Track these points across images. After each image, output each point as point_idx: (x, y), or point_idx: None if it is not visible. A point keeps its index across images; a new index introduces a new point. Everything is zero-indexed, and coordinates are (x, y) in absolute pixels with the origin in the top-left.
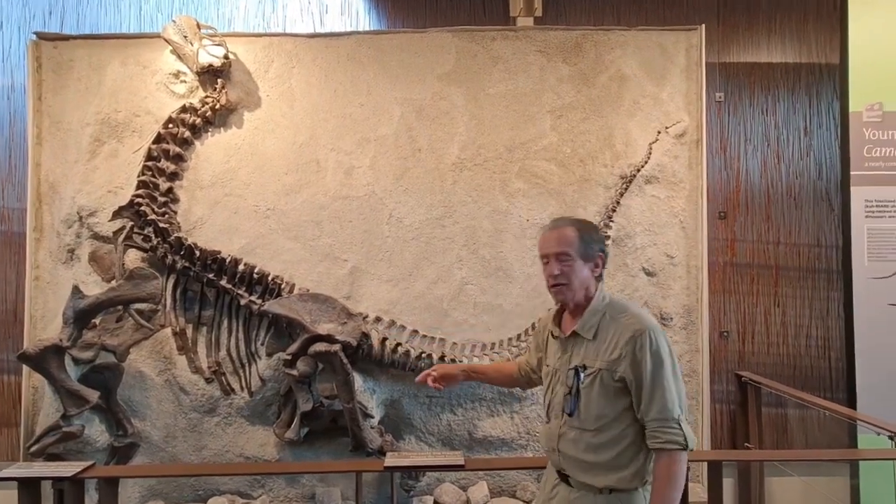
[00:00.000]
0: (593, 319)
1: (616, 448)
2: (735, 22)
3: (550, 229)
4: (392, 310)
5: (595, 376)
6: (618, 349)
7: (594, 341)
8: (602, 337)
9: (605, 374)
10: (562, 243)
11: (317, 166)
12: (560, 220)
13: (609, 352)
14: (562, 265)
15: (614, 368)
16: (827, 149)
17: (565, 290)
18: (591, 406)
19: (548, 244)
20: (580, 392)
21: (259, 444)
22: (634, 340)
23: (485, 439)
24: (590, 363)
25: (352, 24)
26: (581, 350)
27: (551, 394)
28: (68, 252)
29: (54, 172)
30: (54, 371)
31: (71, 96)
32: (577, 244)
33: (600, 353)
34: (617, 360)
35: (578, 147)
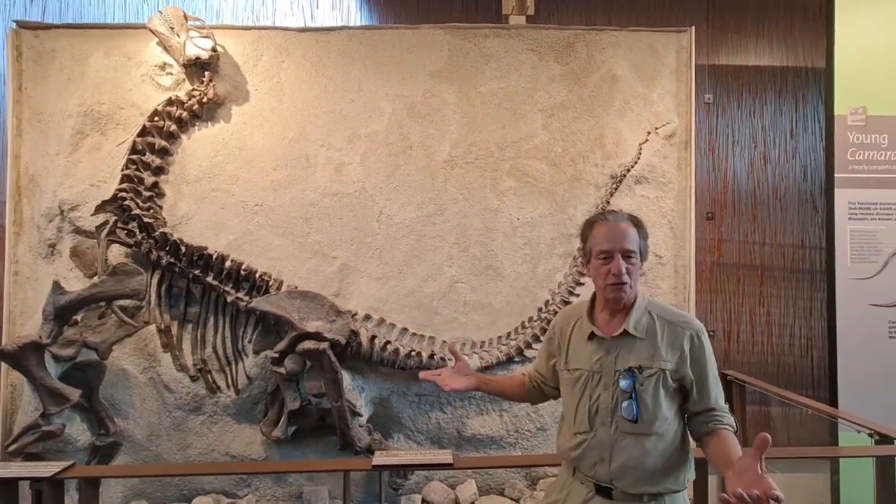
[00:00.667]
0: (641, 318)
1: (671, 450)
2: (724, 25)
3: (614, 222)
4: (382, 307)
5: (656, 377)
6: (678, 349)
7: (645, 340)
8: (654, 336)
9: (666, 374)
10: (631, 241)
11: (306, 162)
12: (619, 215)
13: (669, 352)
14: (629, 263)
15: (676, 367)
16: (812, 151)
17: (627, 289)
18: (653, 408)
19: (616, 239)
20: (638, 395)
21: (246, 443)
22: (693, 339)
23: (474, 437)
24: (647, 363)
25: (343, 19)
26: (632, 350)
27: (590, 400)
28: (49, 247)
29: (35, 165)
30: (33, 368)
31: (52, 87)
32: (640, 243)
33: (657, 354)
34: (679, 360)
35: (569, 146)
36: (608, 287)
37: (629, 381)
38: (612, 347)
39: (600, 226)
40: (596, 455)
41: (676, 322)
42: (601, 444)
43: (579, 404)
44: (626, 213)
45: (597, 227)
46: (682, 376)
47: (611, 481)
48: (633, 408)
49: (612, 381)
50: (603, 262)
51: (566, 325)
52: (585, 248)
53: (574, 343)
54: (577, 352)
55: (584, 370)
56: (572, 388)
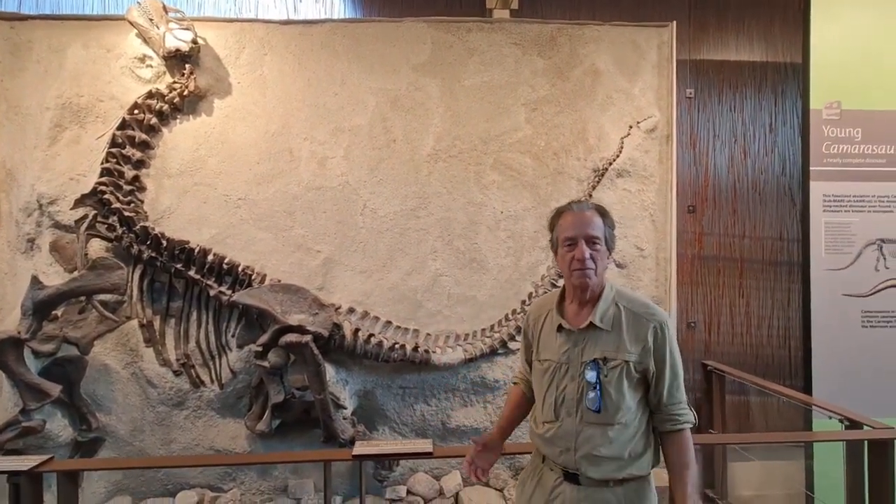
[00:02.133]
0: (609, 310)
1: (635, 438)
2: (705, 20)
3: (578, 210)
4: (366, 301)
5: (620, 369)
6: (641, 341)
7: (611, 332)
8: (619, 328)
9: (630, 366)
10: (595, 227)
11: (290, 156)
12: (583, 204)
13: (633, 343)
14: (593, 250)
15: (640, 359)
16: (790, 145)
17: (592, 275)
18: (616, 399)
19: (580, 226)
20: (602, 386)
21: (230, 437)
22: (657, 331)
23: (458, 429)
24: (612, 355)
25: (326, 12)
26: (598, 342)
27: (557, 390)
28: (28, 241)
29: (12, 159)
30: (12, 364)
31: (29, 79)
32: (606, 231)
33: (622, 345)
34: (643, 352)
35: (552, 140)
36: (573, 273)
37: (594, 372)
38: (580, 339)
39: (566, 215)
40: (562, 444)
41: (641, 313)
42: (567, 434)
43: (546, 394)
44: (593, 203)
45: (563, 217)
46: (645, 368)
47: (577, 468)
48: (597, 399)
49: (578, 372)
50: (568, 248)
51: (538, 317)
52: (553, 238)
53: (544, 334)
54: (546, 343)
55: (552, 361)
56: (541, 378)
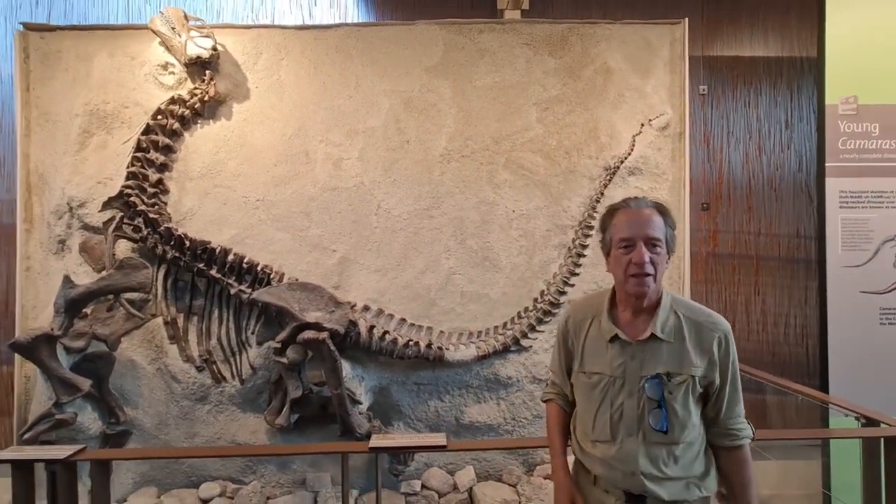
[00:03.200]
0: (670, 319)
1: (699, 455)
2: (719, 16)
3: (636, 208)
4: (380, 299)
5: (685, 384)
6: (706, 353)
7: (673, 344)
8: (681, 339)
9: (696, 381)
10: (656, 228)
11: (306, 158)
12: (641, 201)
13: (698, 356)
14: (653, 253)
15: (706, 373)
16: (807, 141)
17: (650, 282)
18: (682, 417)
19: (638, 226)
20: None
21: (250, 431)
22: (721, 342)
23: (472, 425)
24: (676, 370)
25: (340, 17)
26: (659, 355)
27: (612, 407)
28: (59, 243)
29: (44, 164)
30: (46, 359)
31: (59, 87)
32: (667, 233)
33: (687, 359)
34: (708, 365)
35: (564, 139)
36: (630, 279)
37: (657, 388)
38: (638, 351)
39: (622, 213)
40: (625, 466)
41: (704, 323)
42: (628, 456)
43: (598, 411)
44: (652, 200)
45: (618, 215)
46: (710, 382)
47: (644, 490)
48: (663, 418)
49: (636, 388)
50: (624, 251)
51: (580, 324)
52: (605, 238)
53: (591, 344)
54: (594, 354)
55: (604, 374)
56: (590, 393)
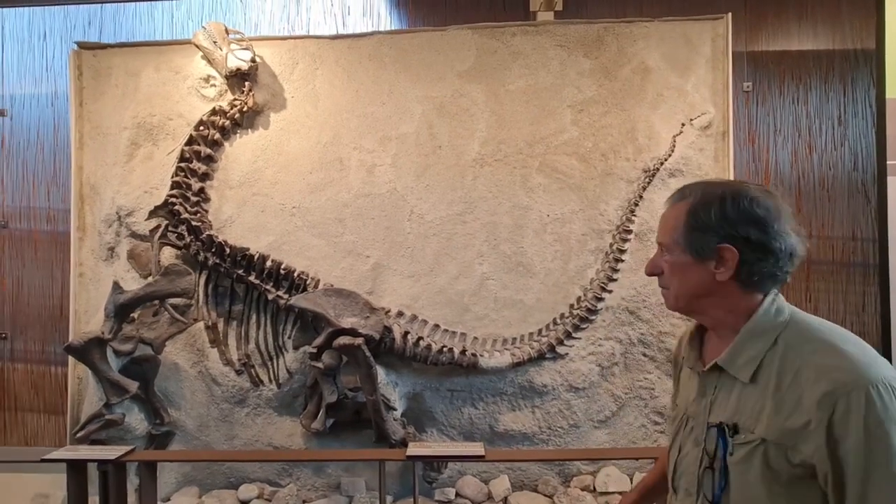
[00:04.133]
0: (753, 348)
1: None
2: (764, 8)
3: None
4: (414, 305)
5: (754, 450)
6: (803, 411)
7: (754, 386)
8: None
9: (773, 450)
10: (666, 228)
11: (340, 165)
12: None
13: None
14: (664, 260)
15: (793, 444)
16: (863, 137)
17: (669, 295)
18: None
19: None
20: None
21: (286, 435)
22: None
23: (506, 433)
24: (746, 424)
25: (373, 25)
26: (730, 397)
27: (679, 453)
28: (108, 250)
29: (95, 175)
30: (97, 362)
31: (109, 102)
32: (684, 233)
33: (767, 411)
34: (800, 431)
35: (600, 141)
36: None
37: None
38: (709, 387)
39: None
40: None
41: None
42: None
43: (670, 454)
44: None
45: None
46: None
47: None
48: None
49: (702, 435)
50: None
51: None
52: None
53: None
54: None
55: (681, 410)
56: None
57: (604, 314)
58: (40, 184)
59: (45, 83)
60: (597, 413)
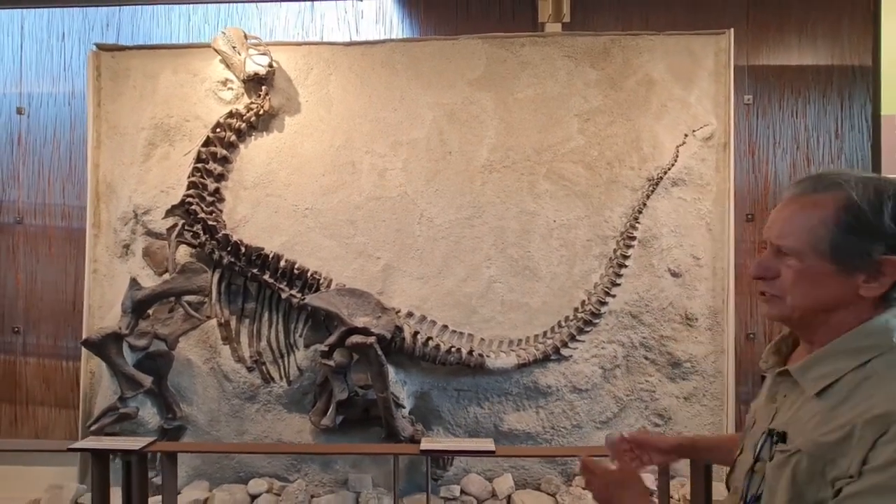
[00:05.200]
0: (834, 365)
1: None
2: (765, 24)
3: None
4: (423, 306)
5: (789, 459)
6: (848, 425)
7: (820, 400)
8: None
9: (806, 462)
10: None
11: (352, 168)
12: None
13: (831, 427)
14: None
15: (832, 458)
16: (859, 151)
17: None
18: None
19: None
20: (766, 472)
21: (296, 431)
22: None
23: (510, 432)
24: (794, 432)
25: (386, 32)
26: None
27: (739, 451)
28: (123, 247)
29: (112, 173)
30: (113, 356)
31: (127, 103)
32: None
33: (816, 424)
34: (840, 444)
35: (605, 150)
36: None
37: (765, 447)
38: (778, 393)
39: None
40: None
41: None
42: None
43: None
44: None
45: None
46: (838, 475)
47: None
48: (754, 484)
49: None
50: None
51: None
52: None
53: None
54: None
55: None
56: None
57: (607, 318)
58: (56, 181)
59: (63, 83)
60: (599, 414)
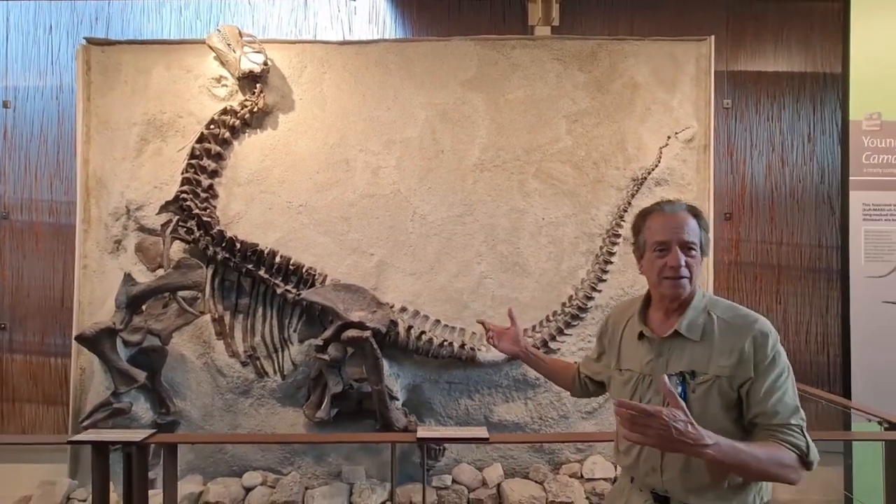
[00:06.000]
0: (698, 317)
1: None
2: (743, 31)
3: (671, 212)
4: (415, 301)
5: (709, 385)
6: (736, 352)
7: (701, 343)
8: (710, 339)
9: (724, 382)
10: (691, 232)
11: (346, 166)
12: (676, 205)
13: (726, 355)
14: (688, 257)
15: (735, 374)
16: (829, 154)
17: (687, 284)
18: (708, 419)
19: (673, 229)
20: (690, 403)
21: (289, 424)
22: (756, 340)
23: (500, 423)
24: (701, 368)
25: (379, 33)
26: (685, 354)
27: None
28: (115, 243)
29: (102, 169)
30: (107, 352)
31: (118, 98)
32: (701, 236)
33: (714, 358)
34: (738, 365)
35: (592, 150)
36: (664, 281)
37: (680, 387)
38: (664, 349)
39: (656, 216)
40: (648, 464)
41: (738, 323)
42: (652, 453)
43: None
44: (686, 203)
45: (652, 218)
46: (742, 383)
47: (665, 491)
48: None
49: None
50: (659, 254)
51: (618, 323)
52: (639, 241)
53: (626, 342)
54: (628, 352)
55: (634, 372)
56: (622, 390)
57: (593, 312)
58: (43, 176)
59: (50, 76)
60: (584, 405)
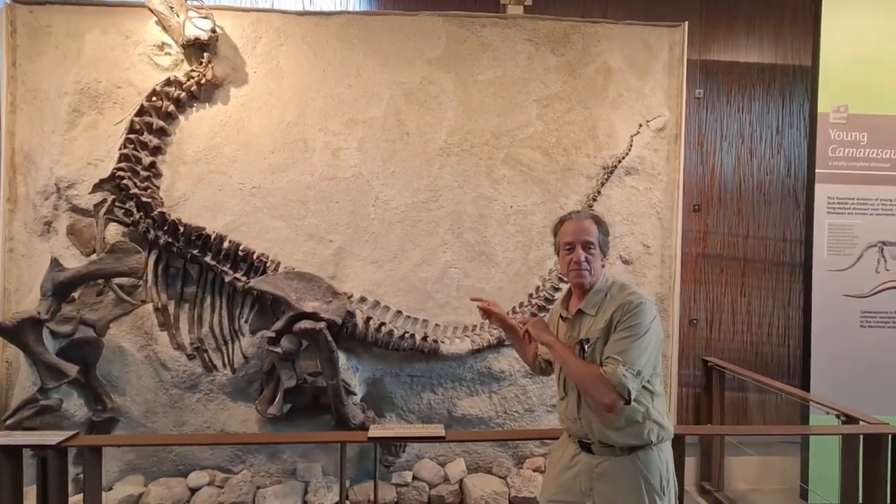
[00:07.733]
0: (596, 298)
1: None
2: (717, 21)
3: (577, 220)
4: (377, 290)
5: (595, 346)
6: (608, 317)
7: (595, 317)
8: (602, 312)
9: (601, 343)
10: (591, 234)
11: (304, 146)
12: (581, 213)
13: (603, 322)
14: (588, 253)
15: (605, 336)
16: (796, 147)
17: (587, 275)
18: None
19: (577, 233)
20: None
21: (241, 421)
22: (623, 307)
23: (463, 418)
24: (593, 336)
25: (342, 4)
26: (585, 325)
27: (562, 370)
28: (45, 224)
29: (30, 142)
30: (32, 344)
31: (48, 64)
32: (600, 238)
33: (596, 324)
34: (606, 328)
35: (563, 137)
36: (571, 273)
37: (580, 351)
38: (574, 324)
39: (567, 223)
40: (571, 415)
41: (618, 298)
42: (572, 407)
43: (558, 374)
44: (590, 212)
45: (564, 224)
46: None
47: (585, 436)
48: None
49: (574, 351)
50: (567, 252)
51: (555, 312)
52: (555, 242)
53: (558, 324)
54: (559, 331)
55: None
56: (554, 361)
57: None
58: None
59: None
60: (550, 398)
